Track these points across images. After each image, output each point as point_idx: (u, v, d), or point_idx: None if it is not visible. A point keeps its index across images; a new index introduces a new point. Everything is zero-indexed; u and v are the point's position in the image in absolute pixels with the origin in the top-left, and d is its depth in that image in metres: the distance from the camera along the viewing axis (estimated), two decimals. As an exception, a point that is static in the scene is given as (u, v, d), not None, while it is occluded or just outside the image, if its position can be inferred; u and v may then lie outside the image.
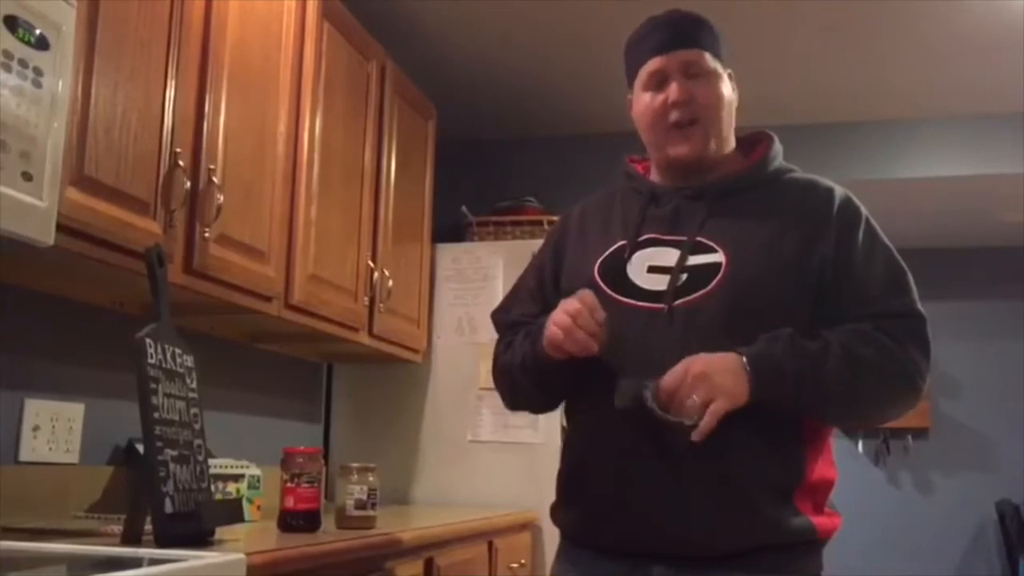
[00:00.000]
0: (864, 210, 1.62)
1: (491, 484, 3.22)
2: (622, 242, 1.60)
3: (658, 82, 1.61)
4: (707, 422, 1.38)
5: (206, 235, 1.95)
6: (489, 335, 1.92)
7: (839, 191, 1.62)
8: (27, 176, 1.37)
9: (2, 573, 1.22)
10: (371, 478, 2.11)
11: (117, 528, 1.57)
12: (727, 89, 1.62)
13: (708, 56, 1.60)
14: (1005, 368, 5.57)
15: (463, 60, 3.66)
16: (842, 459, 5.08)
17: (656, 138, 1.63)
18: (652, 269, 1.55)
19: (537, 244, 1.99)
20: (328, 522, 2.03)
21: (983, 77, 3.76)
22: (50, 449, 1.99)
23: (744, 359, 1.42)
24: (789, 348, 1.43)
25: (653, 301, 1.51)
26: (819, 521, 1.47)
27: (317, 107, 2.47)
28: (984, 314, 5.68)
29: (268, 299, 2.24)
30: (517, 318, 1.72)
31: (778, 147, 1.68)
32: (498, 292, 3.38)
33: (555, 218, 3.52)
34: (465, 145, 4.15)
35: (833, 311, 1.51)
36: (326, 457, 3.19)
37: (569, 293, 1.56)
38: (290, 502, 1.94)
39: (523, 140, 4.31)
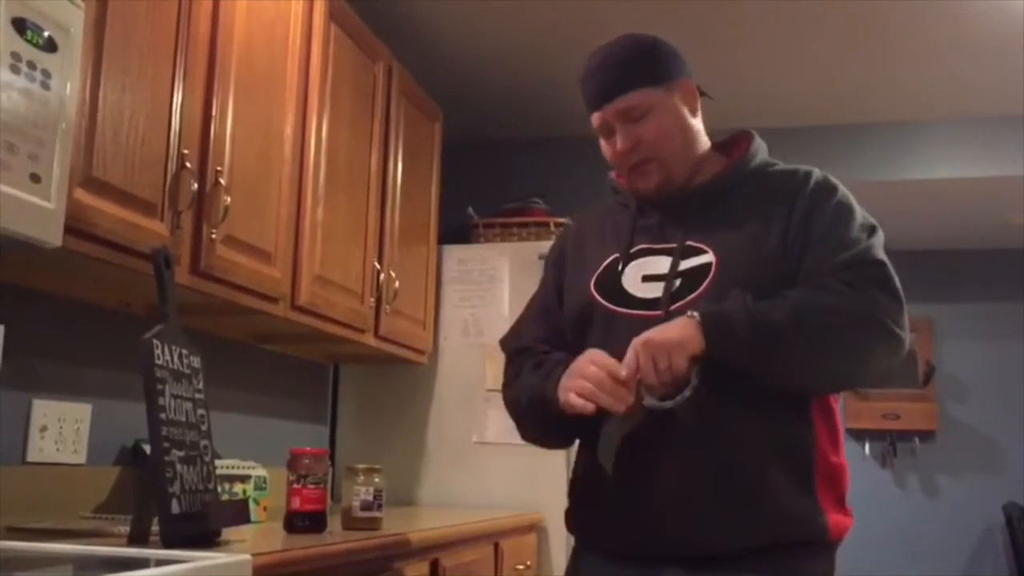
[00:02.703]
0: (841, 189, 1.61)
1: (497, 485, 3.22)
2: (615, 255, 1.63)
3: (606, 133, 1.64)
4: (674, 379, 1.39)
5: (213, 236, 1.96)
6: (495, 336, 1.92)
7: (816, 173, 1.62)
8: (35, 178, 1.37)
9: (9, 573, 1.23)
10: (377, 479, 2.11)
11: (124, 528, 1.58)
12: (672, 110, 1.61)
13: (644, 93, 1.59)
14: (1013, 371, 5.56)
15: (469, 62, 3.66)
16: (849, 461, 5.06)
17: (624, 177, 1.67)
18: (646, 278, 1.57)
19: (544, 246, 2.04)
20: (334, 523, 2.03)
21: (990, 79, 3.76)
22: (57, 450, 1.99)
23: (692, 312, 1.43)
24: (740, 299, 1.43)
25: (650, 309, 1.53)
26: (834, 519, 1.46)
27: (324, 109, 2.47)
28: (992, 316, 5.66)
29: (274, 300, 2.25)
30: (527, 343, 1.72)
31: (758, 144, 1.69)
32: (504, 294, 3.38)
33: (561, 220, 3.52)
34: (471, 147, 4.16)
35: (804, 279, 1.49)
36: (332, 458, 3.20)
37: (570, 311, 1.64)
38: (296, 503, 1.94)
39: (529, 141, 4.31)
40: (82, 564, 1.35)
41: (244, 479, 2.11)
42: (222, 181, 1.98)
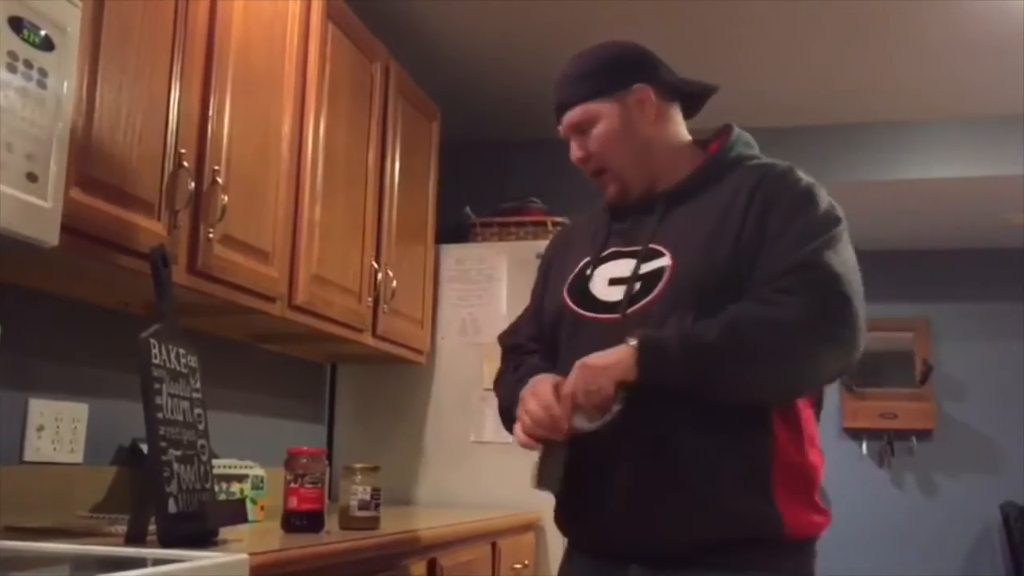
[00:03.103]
0: (804, 186, 1.56)
1: (494, 485, 3.22)
2: (588, 258, 1.67)
3: (568, 144, 1.71)
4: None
5: (210, 236, 1.96)
6: (492, 335, 1.94)
7: (781, 169, 1.60)
8: (32, 177, 1.37)
9: (6, 573, 1.23)
10: (374, 479, 2.11)
11: (121, 528, 1.57)
12: (615, 119, 1.64)
13: (589, 106, 1.64)
14: (1010, 370, 5.56)
15: (467, 61, 3.66)
16: (846, 460, 5.08)
17: None
18: (612, 281, 1.60)
19: (541, 245, 2.05)
20: (331, 523, 2.03)
21: (990, 78, 3.76)
22: (54, 449, 1.99)
23: (629, 339, 1.46)
24: (676, 324, 1.46)
25: (611, 312, 1.57)
26: (795, 518, 1.46)
27: (321, 108, 2.47)
28: (990, 316, 5.67)
29: (272, 300, 2.25)
30: (519, 340, 1.79)
31: (734, 139, 1.68)
32: (502, 293, 3.38)
33: (559, 219, 3.52)
34: (469, 146, 4.15)
35: (754, 284, 1.48)
36: (330, 457, 3.20)
37: (547, 314, 1.70)
38: (293, 502, 1.94)
39: (527, 141, 4.31)
40: (79, 564, 1.35)
41: (241, 478, 2.11)
42: (219, 180, 1.98)
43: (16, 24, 1.35)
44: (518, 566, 2.88)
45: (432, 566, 2.24)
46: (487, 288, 3.41)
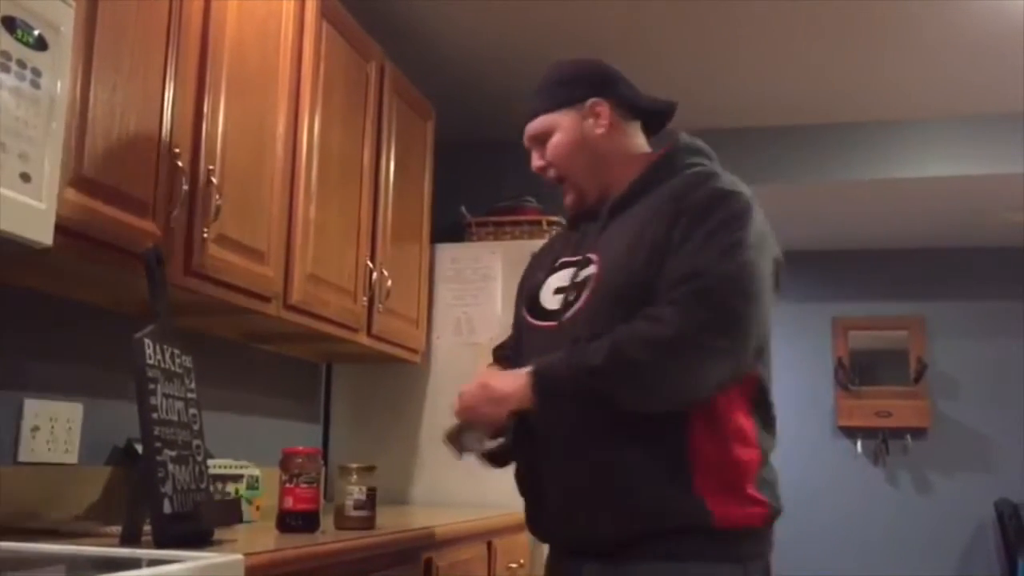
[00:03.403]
0: (713, 193, 1.60)
1: (490, 484, 3.20)
2: (545, 269, 1.79)
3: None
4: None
5: (205, 235, 1.95)
6: (488, 335, 1.96)
7: (704, 174, 1.66)
8: (25, 177, 1.37)
9: (1, 574, 1.22)
10: (370, 478, 2.11)
11: (116, 529, 1.57)
12: (569, 131, 1.75)
13: (545, 118, 1.77)
14: (1005, 368, 5.58)
15: (462, 60, 3.66)
16: (841, 459, 5.09)
17: None
18: (556, 290, 1.71)
19: (536, 244, 2.08)
20: (327, 522, 2.03)
21: (986, 77, 3.77)
22: (49, 449, 1.99)
23: (529, 367, 1.58)
24: (564, 352, 1.56)
25: (552, 319, 1.68)
26: (723, 509, 1.51)
27: (316, 107, 2.47)
28: (984, 314, 5.68)
29: (267, 299, 2.24)
30: (502, 346, 1.94)
31: (677, 147, 1.74)
32: (497, 292, 3.38)
33: (554, 218, 3.53)
34: (464, 145, 4.15)
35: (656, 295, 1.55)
36: (325, 457, 3.19)
37: (514, 322, 1.86)
38: (289, 502, 1.94)
39: (522, 141, 4.31)
40: (74, 564, 1.35)
41: (237, 478, 2.11)
42: (214, 180, 1.97)
43: (9, 24, 1.35)
44: (513, 565, 2.88)
45: (428, 566, 2.24)
46: (482, 288, 3.41)
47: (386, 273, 2.91)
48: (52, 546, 1.42)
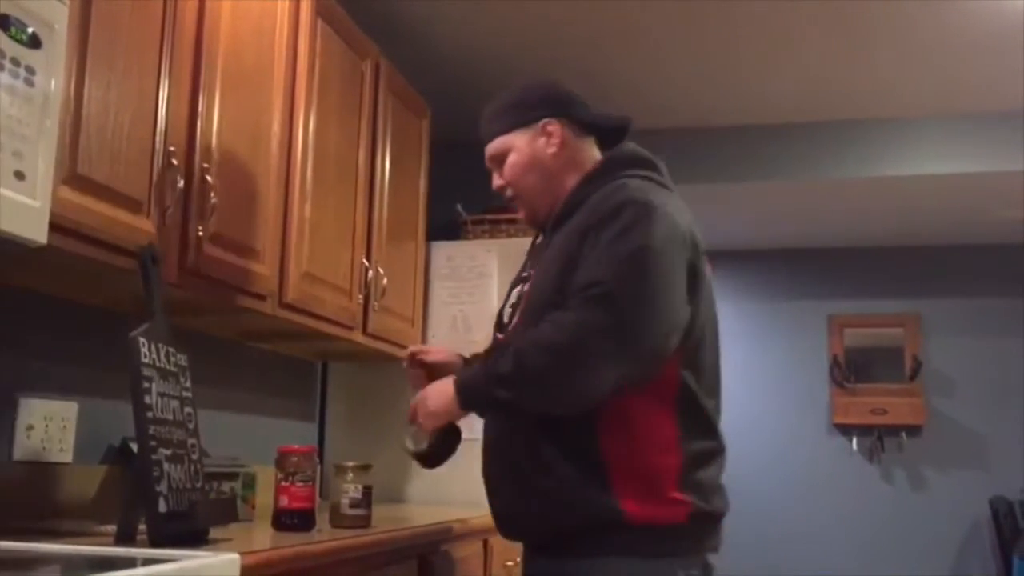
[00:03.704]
0: (616, 205, 1.67)
1: (486, 482, 3.21)
2: (512, 285, 1.90)
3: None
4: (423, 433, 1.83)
5: (200, 234, 1.95)
6: (483, 333, 1.97)
7: (614, 187, 1.73)
8: (19, 175, 1.36)
9: (-5, 573, 1.22)
10: (366, 477, 2.11)
11: (111, 528, 1.57)
12: (524, 151, 1.85)
13: (499, 140, 1.88)
14: (999, 365, 5.59)
15: (458, 58, 3.66)
16: (836, 456, 5.10)
17: None
18: (511, 304, 1.84)
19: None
20: (323, 521, 2.03)
21: (980, 75, 3.77)
22: (44, 448, 1.98)
23: (455, 378, 1.72)
24: (484, 361, 1.69)
25: (504, 333, 1.81)
26: (635, 508, 1.58)
27: (311, 105, 2.47)
28: (979, 311, 5.69)
29: (262, 298, 2.24)
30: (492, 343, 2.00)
31: (608, 160, 1.83)
32: (492, 290, 3.38)
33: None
34: (459, 143, 4.13)
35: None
36: (321, 456, 3.19)
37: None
38: (284, 501, 1.94)
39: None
40: (68, 563, 1.34)
41: (232, 477, 2.11)
42: (209, 178, 1.97)
43: (3, 22, 1.34)
44: (509, 563, 2.88)
45: (424, 564, 2.24)
46: (478, 285, 3.40)
47: (382, 271, 2.91)
48: (47, 545, 1.42)
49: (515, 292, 1.86)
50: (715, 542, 1.70)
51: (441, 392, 1.74)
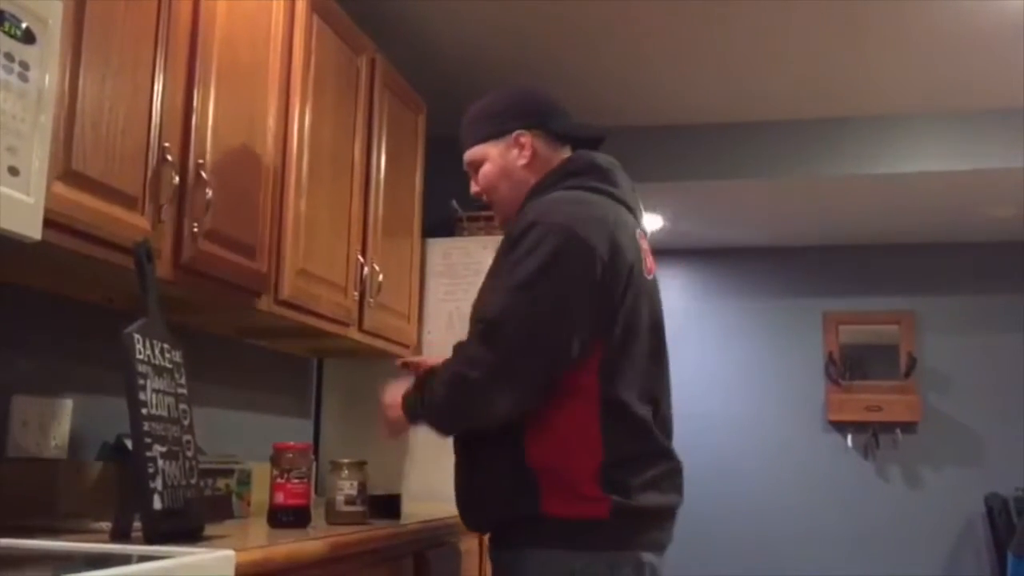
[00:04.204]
0: (522, 228, 1.75)
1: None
2: None
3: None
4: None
5: (195, 230, 1.94)
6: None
7: (530, 206, 1.82)
8: (13, 171, 1.36)
9: (-11, 570, 1.22)
10: (361, 473, 2.11)
11: (106, 525, 1.57)
12: (497, 161, 1.94)
13: (476, 149, 1.97)
14: (994, 362, 5.59)
15: (453, 54, 3.65)
16: (831, 453, 5.11)
17: None
18: None
19: None
20: (318, 518, 2.03)
21: (972, 73, 3.78)
22: (38, 445, 1.98)
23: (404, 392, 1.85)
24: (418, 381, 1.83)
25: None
26: (555, 505, 1.68)
27: (306, 101, 2.46)
28: (973, 309, 5.69)
29: (257, 294, 2.24)
30: None
31: (554, 171, 1.89)
32: (488, 287, 3.37)
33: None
34: (455, 140, 4.12)
35: None
36: (316, 453, 3.19)
37: None
38: (280, 498, 1.94)
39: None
40: (63, 561, 1.34)
41: (227, 474, 2.10)
42: (204, 174, 1.96)
43: (-3, 16, 1.34)
44: (505, 560, 2.88)
45: (420, 560, 2.24)
46: (474, 282, 3.36)
47: (377, 268, 2.90)
48: (41, 542, 1.42)
49: None
50: (651, 539, 1.74)
51: (395, 403, 1.88)
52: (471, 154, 1.99)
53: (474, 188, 2.00)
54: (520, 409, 1.70)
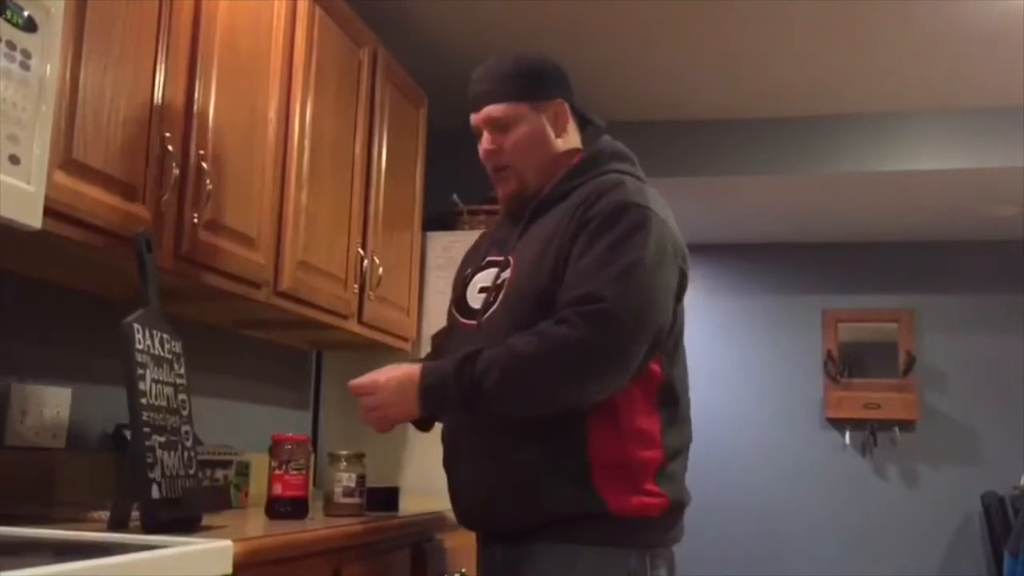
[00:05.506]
0: (615, 206, 1.65)
1: (479, 472, 3.21)
2: (472, 267, 1.86)
3: (477, 135, 1.85)
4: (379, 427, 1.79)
5: (195, 221, 1.94)
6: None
7: (609, 183, 1.71)
8: (14, 159, 1.36)
9: (-12, 558, 1.22)
10: (359, 465, 2.11)
11: (104, 514, 1.57)
12: (534, 125, 1.79)
13: (510, 106, 1.78)
14: (992, 361, 5.60)
15: (455, 47, 3.64)
16: (829, 450, 5.13)
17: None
18: (480, 289, 1.78)
19: None
20: (316, 509, 2.03)
21: (976, 71, 3.77)
22: (37, 434, 1.98)
23: (419, 374, 1.67)
24: (457, 365, 1.61)
25: (473, 318, 1.76)
26: (619, 500, 1.60)
27: (308, 93, 2.46)
28: (972, 307, 5.70)
29: (257, 286, 2.24)
30: (440, 337, 2.01)
31: (594, 152, 1.80)
32: (488, 281, 3.37)
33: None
34: (456, 133, 4.10)
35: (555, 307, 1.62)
36: (314, 444, 3.19)
37: (447, 316, 1.92)
38: (278, 489, 1.94)
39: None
40: (61, 549, 1.34)
41: (226, 465, 2.10)
42: (205, 165, 1.96)
43: (-1, 5, 1.34)
44: (502, 553, 2.88)
45: (417, 552, 2.24)
46: (474, 276, 3.39)
47: (377, 260, 2.90)
48: (40, 531, 1.42)
49: (486, 275, 1.79)
50: (679, 533, 1.73)
51: (401, 397, 1.71)
52: (500, 110, 1.79)
53: (490, 146, 1.81)
54: (609, 394, 1.61)
